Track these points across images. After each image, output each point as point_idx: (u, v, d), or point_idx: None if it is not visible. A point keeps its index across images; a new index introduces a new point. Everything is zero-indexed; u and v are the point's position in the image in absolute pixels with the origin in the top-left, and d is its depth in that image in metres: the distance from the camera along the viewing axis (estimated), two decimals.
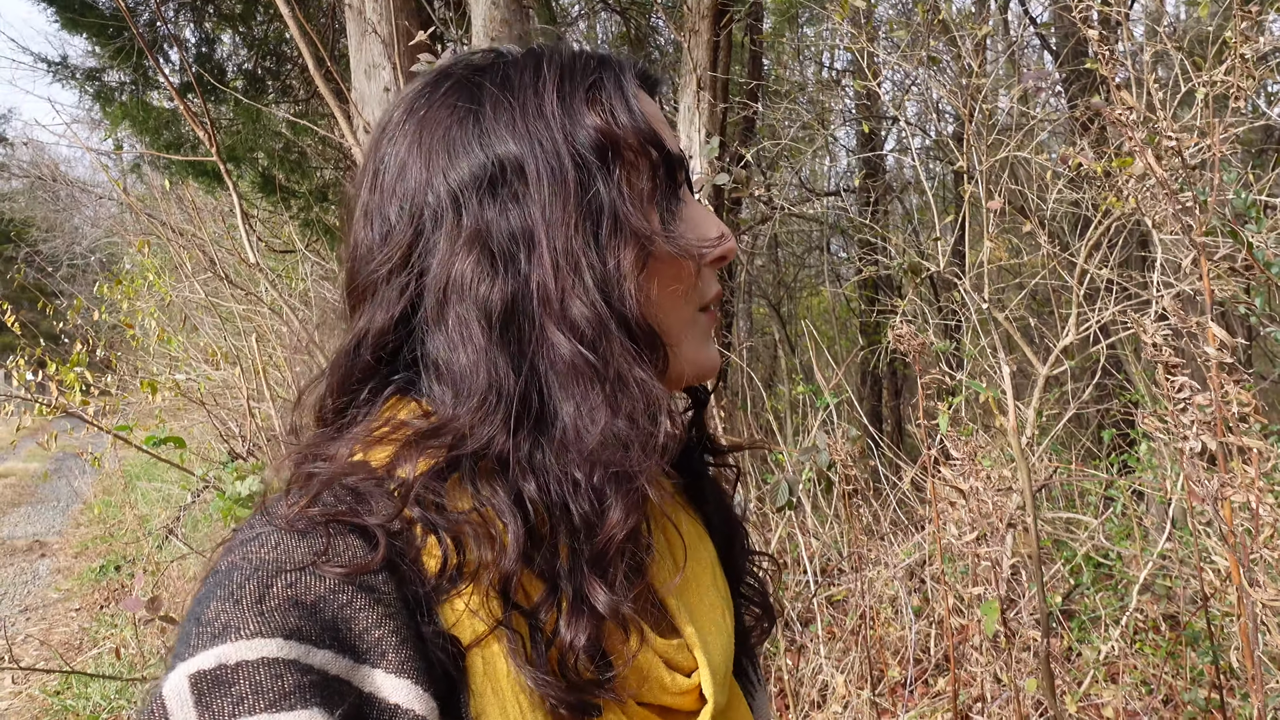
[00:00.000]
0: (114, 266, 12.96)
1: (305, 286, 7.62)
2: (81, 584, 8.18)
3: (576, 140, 0.83)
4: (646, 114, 0.87)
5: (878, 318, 7.76)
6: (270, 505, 0.81)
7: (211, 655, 0.65)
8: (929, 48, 5.11)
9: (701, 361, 0.91)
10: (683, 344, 0.88)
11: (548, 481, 0.78)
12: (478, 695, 0.75)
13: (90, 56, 8.39)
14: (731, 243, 0.89)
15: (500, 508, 0.77)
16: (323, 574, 0.72)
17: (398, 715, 0.68)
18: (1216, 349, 1.25)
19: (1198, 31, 4.89)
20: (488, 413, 0.79)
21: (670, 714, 0.89)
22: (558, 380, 0.79)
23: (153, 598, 3.21)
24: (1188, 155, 1.89)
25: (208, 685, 0.64)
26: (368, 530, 0.78)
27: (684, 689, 0.87)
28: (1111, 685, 3.90)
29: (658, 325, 0.84)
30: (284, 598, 0.69)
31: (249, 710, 0.62)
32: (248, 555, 0.73)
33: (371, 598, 0.72)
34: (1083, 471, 4.86)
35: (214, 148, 3.89)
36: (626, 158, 0.84)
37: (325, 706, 0.65)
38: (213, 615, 0.67)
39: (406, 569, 0.77)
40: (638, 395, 0.79)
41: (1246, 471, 1.26)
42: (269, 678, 0.64)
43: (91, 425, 4.55)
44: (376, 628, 0.71)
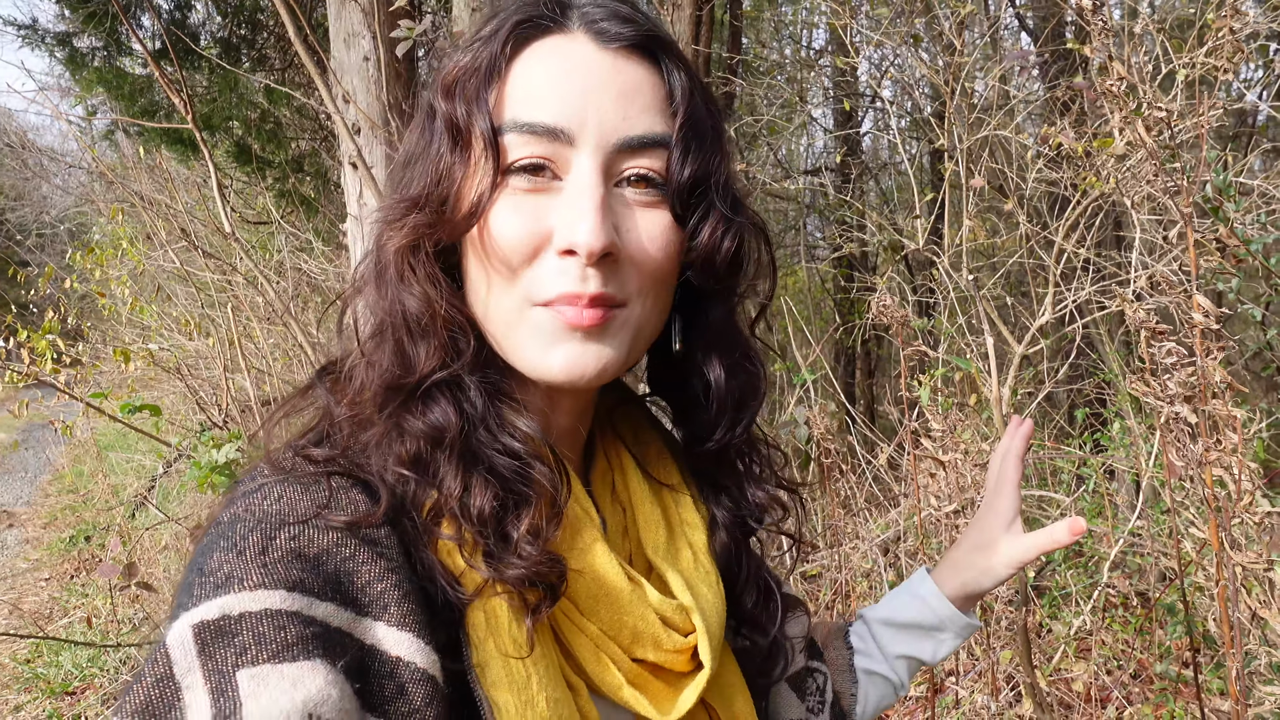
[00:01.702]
0: (84, 236, 12.80)
1: (281, 257, 7.55)
2: (51, 554, 8.12)
3: (435, 131, 0.87)
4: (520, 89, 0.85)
5: (854, 295, 7.80)
6: (273, 458, 0.82)
7: (215, 605, 0.65)
8: (911, 25, 5.12)
9: (529, 364, 0.85)
10: (512, 337, 0.86)
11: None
12: (479, 647, 0.76)
13: (61, 21, 8.24)
14: (580, 239, 0.79)
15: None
16: (326, 527, 0.73)
17: (399, 667, 0.69)
18: (1203, 316, 1.27)
19: (1177, 15, 4.93)
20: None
21: (664, 673, 0.91)
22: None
23: (129, 564, 3.20)
24: (1172, 132, 1.91)
25: (211, 635, 0.64)
26: (370, 484, 0.79)
27: (679, 647, 0.90)
28: (1082, 660, 3.95)
29: (468, 313, 0.87)
30: (287, 550, 0.70)
31: (252, 660, 0.63)
32: (251, 507, 0.74)
33: (374, 551, 0.73)
34: (1056, 450, 4.91)
35: (189, 115, 3.85)
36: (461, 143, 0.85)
37: (327, 658, 0.65)
38: (216, 566, 0.68)
39: (408, 523, 0.79)
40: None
41: (1230, 437, 1.28)
42: (272, 629, 0.64)
43: (64, 393, 4.52)
44: (379, 581, 0.72)
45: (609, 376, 0.86)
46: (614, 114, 0.82)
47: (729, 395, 0.98)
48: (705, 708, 0.97)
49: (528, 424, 0.85)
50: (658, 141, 0.84)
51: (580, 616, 0.86)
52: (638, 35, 0.85)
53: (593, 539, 0.87)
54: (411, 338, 0.84)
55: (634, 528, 0.97)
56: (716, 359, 0.97)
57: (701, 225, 0.88)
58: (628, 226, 0.84)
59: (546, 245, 0.82)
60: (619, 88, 0.83)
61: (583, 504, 0.89)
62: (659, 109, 0.85)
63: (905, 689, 1.26)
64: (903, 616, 1.25)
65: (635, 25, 0.85)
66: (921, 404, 2.57)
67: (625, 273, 0.84)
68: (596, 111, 0.82)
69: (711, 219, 0.88)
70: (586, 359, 0.83)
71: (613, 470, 1.00)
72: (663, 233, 0.86)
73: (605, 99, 0.82)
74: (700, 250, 0.88)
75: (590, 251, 0.79)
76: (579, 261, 0.81)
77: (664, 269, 0.87)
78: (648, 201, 0.85)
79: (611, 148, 0.82)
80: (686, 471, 1.04)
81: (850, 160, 8.48)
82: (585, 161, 0.82)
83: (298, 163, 8.35)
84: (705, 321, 0.96)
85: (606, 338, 0.84)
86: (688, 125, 0.85)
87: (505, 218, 0.82)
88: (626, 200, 0.84)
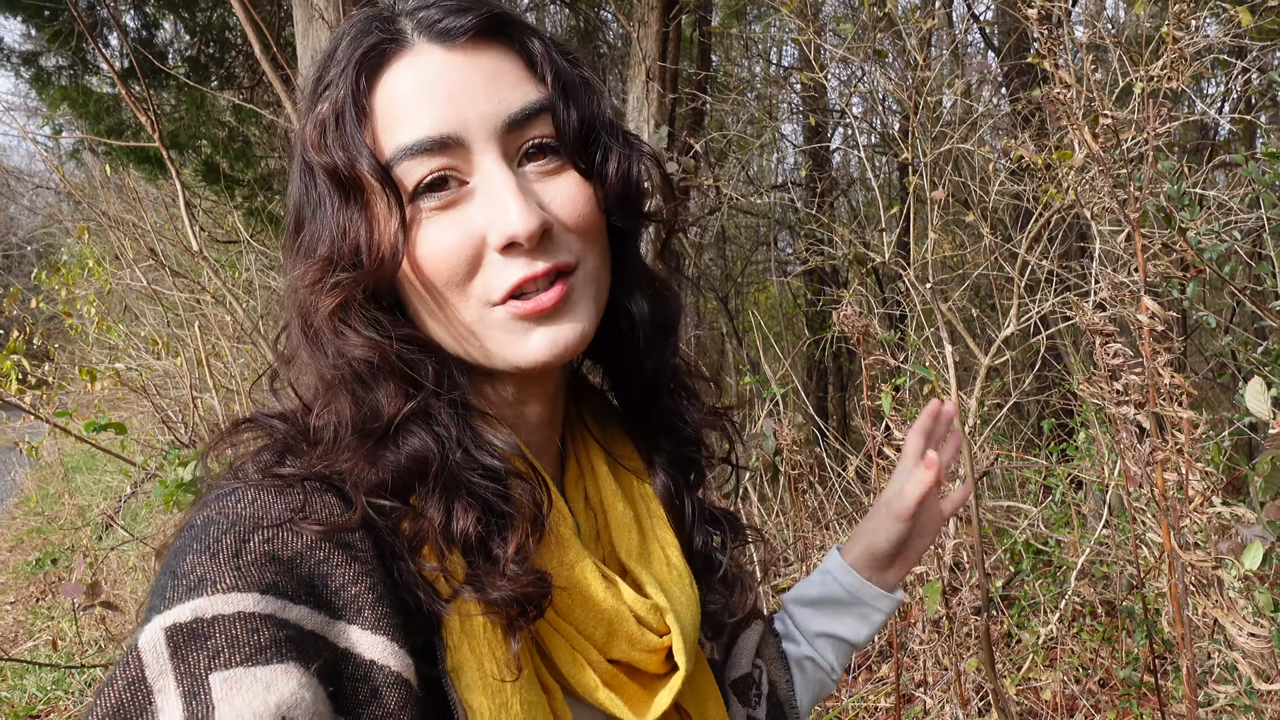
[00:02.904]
0: (52, 256, 12.69)
1: (249, 276, 7.52)
2: (17, 577, 8.01)
3: (319, 188, 0.87)
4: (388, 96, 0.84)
5: (823, 310, 7.84)
6: (244, 464, 0.82)
7: (187, 608, 0.65)
8: (875, 42, 5.17)
9: (513, 358, 0.86)
10: (486, 343, 0.86)
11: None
12: (454, 650, 0.77)
13: (27, 40, 8.21)
14: (516, 227, 0.80)
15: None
16: (300, 530, 0.73)
17: (373, 670, 0.69)
18: (1149, 318, 1.29)
19: (1135, 29, 5.00)
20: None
21: (639, 674, 0.92)
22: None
23: (93, 583, 3.17)
24: (1126, 145, 1.94)
25: (183, 638, 0.63)
26: (343, 490, 0.79)
27: (653, 646, 0.91)
28: (1050, 669, 3.98)
29: (421, 338, 0.87)
30: (261, 553, 0.70)
31: (225, 664, 0.62)
32: (224, 510, 0.73)
33: (349, 555, 0.73)
34: (1023, 460, 4.95)
35: (156, 134, 3.84)
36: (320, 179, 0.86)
37: (301, 661, 0.65)
38: (188, 568, 0.68)
39: (384, 528, 0.79)
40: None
41: (1177, 438, 1.30)
42: (245, 631, 0.64)
43: (29, 414, 4.47)
44: (353, 584, 0.72)
45: (588, 341, 0.87)
46: (489, 101, 0.83)
47: (654, 325, 0.99)
48: (679, 711, 0.98)
49: (504, 439, 0.86)
50: (539, 108, 0.85)
51: (556, 617, 0.86)
52: (478, 21, 0.85)
53: (577, 554, 0.88)
54: (365, 386, 0.84)
55: (606, 532, 0.98)
56: (639, 292, 0.98)
57: (605, 167, 0.90)
58: (549, 198, 0.85)
59: (484, 249, 0.83)
60: (482, 77, 0.84)
61: (561, 513, 0.89)
62: (527, 80, 0.86)
63: (836, 674, 1.27)
64: (812, 592, 1.27)
65: (470, 13, 0.85)
66: (884, 413, 2.59)
67: (563, 240, 0.85)
68: (472, 106, 0.82)
69: (612, 158, 0.90)
70: (564, 334, 0.84)
71: (584, 475, 1.01)
72: (578, 190, 0.87)
73: (475, 92, 0.83)
74: (613, 191, 0.90)
75: (530, 234, 0.80)
76: (521, 249, 0.81)
77: (593, 223, 0.88)
78: (552, 169, 0.86)
79: (500, 131, 0.83)
80: (638, 439, 1.06)
81: (818, 175, 8.53)
82: (484, 157, 0.82)
83: (266, 181, 8.33)
84: (621, 258, 0.97)
85: (572, 308, 0.86)
86: (557, 83, 0.87)
87: (434, 240, 0.82)
88: (534, 174, 0.85)
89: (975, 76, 5.00)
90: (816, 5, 6.77)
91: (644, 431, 1.06)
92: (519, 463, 0.85)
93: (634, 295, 0.98)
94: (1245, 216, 3.29)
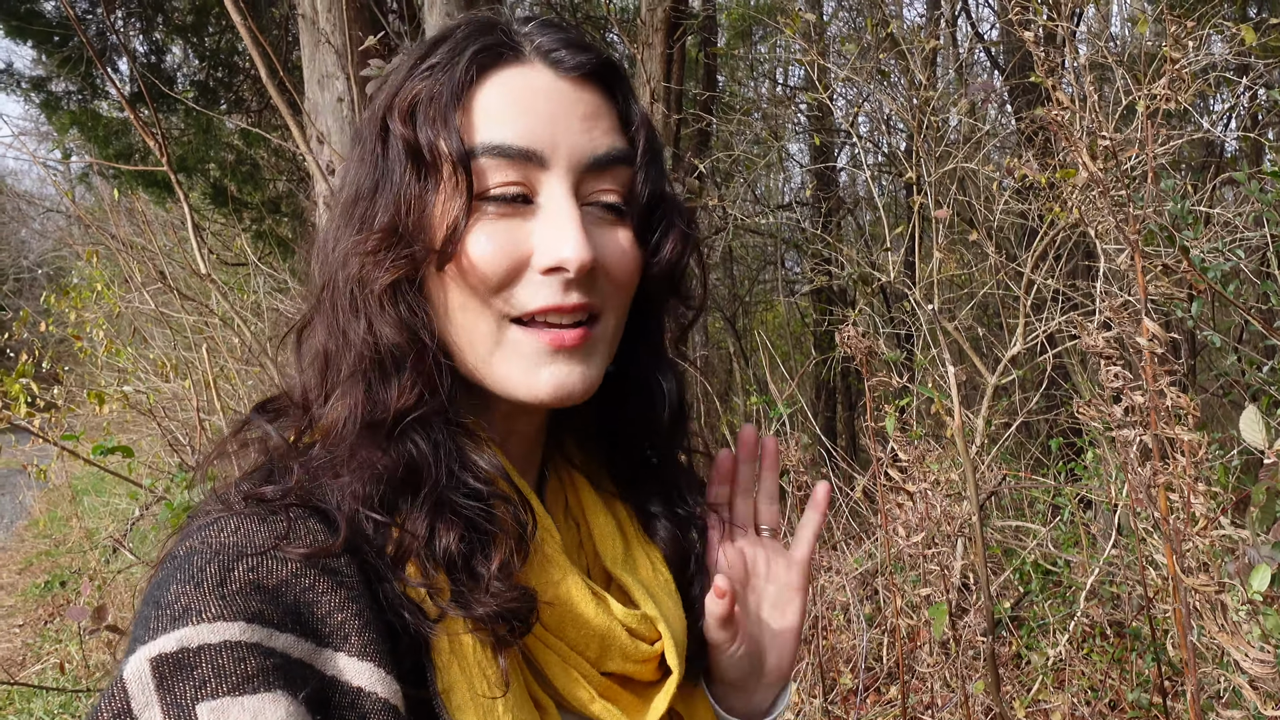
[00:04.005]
0: (62, 279, 12.74)
1: (257, 298, 7.53)
2: (25, 600, 8.02)
3: (392, 159, 0.86)
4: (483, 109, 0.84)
5: (831, 329, 7.83)
6: (224, 492, 0.81)
7: (173, 638, 0.64)
8: (879, 62, 5.18)
9: (515, 386, 0.85)
10: (492, 360, 0.86)
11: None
12: (444, 670, 0.76)
13: (37, 65, 8.27)
14: (569, 254, 0.81)
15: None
16: (285, 558, 0.72)
17: (360, 698, 0.69)
18: (1149, 340, 1.28)
19: (1139, 48, 5.00)
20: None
21: (633, 684, 0.92)
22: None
23: (98, 607, 3.16)
24: (1128, 165, 1.94)
25: (169, 668, 0.63)
26: (328, 514, 0.78)
27: (646, 656, 0.90)
28: (1059, 690, 3.94)
29: (440, 334, 0.86)
30: (245, 581, 0.69)
31: (211, 693, 0.62)
32: (207, 540, 0.73)
33: (334, 581, 0.73)
34: (1031, 480, 4.93)
35: (165, 158, 3.85)
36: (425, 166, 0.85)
37: (288, 689, 0.65)
38: (173, 598, 0.67)
39: (369, 551, 0.78)
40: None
41: (1180, 461, 1.29)
42: (231, 661, 0.64)
43: (38, 437, 4.48)
44: (339, 611, 0.71)
45: (592, 392, 0.87)
46: (581, 136, 0.84)
47: (679, 401, 1.00)
48: (673, 717, 0.97)
49: (489, 461, 0.85)
50: (622, 157, 0.87)
51: (546, 634, 0.86)
52: (593, 63, 0.87)
53: (563, 571, 0.87)
54: (383, 375, 0.83)
55: (589, 541, 0.98)
56: (669, 368, 1.00)
57: (664, 241, 0.92)
58: (602, 243, 0.86)
59: (525, 267, 0.83)
60: (581, 112, 0.85)
61: (548, 530, 0.89)
62: (618, 131, 0.88)
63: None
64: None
65: (589, 54, 0.87)
66: (889, 434, 2.58)
67: (601, 286, 0.86)
68: (565, 134, 0.84)
69: (673, 235, 0.92)
70: (573, 378, 0.84)
71: (564, 486, 1.01)
72: (630, 248, 0.88)
73: (572, 122, 0.84)
74: (663, 263, 0.92)
75: (581, 265, 0.81)
76: (564, 276, 0.82)
77: (631, 283, 0.89)
78: (611, 220, 0.87)
79: (581, 167, 0.84)
80: (629, 492, 1.04)
81: (822, 195, 8.54)
82: (558, 183, 0.83)
83: (275, 204, 8.37)
84: (653, 333, 0.98)
85: (587, 356, 0.86)
86: (648, 145, 0.90)
87: (482, 242, 0.82)
88: (595, 218, 0.86)
89: (980, 95, 5.01)
90: (821, 26, 6.80)
91: (639, 492, 1.04)
92: (503, 485, 0.85)
93: (665, 369, 1.00)
94: (1250, 235, 3.29)
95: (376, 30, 5.36)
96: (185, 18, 8.13)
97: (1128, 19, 7.16)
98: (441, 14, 4.64)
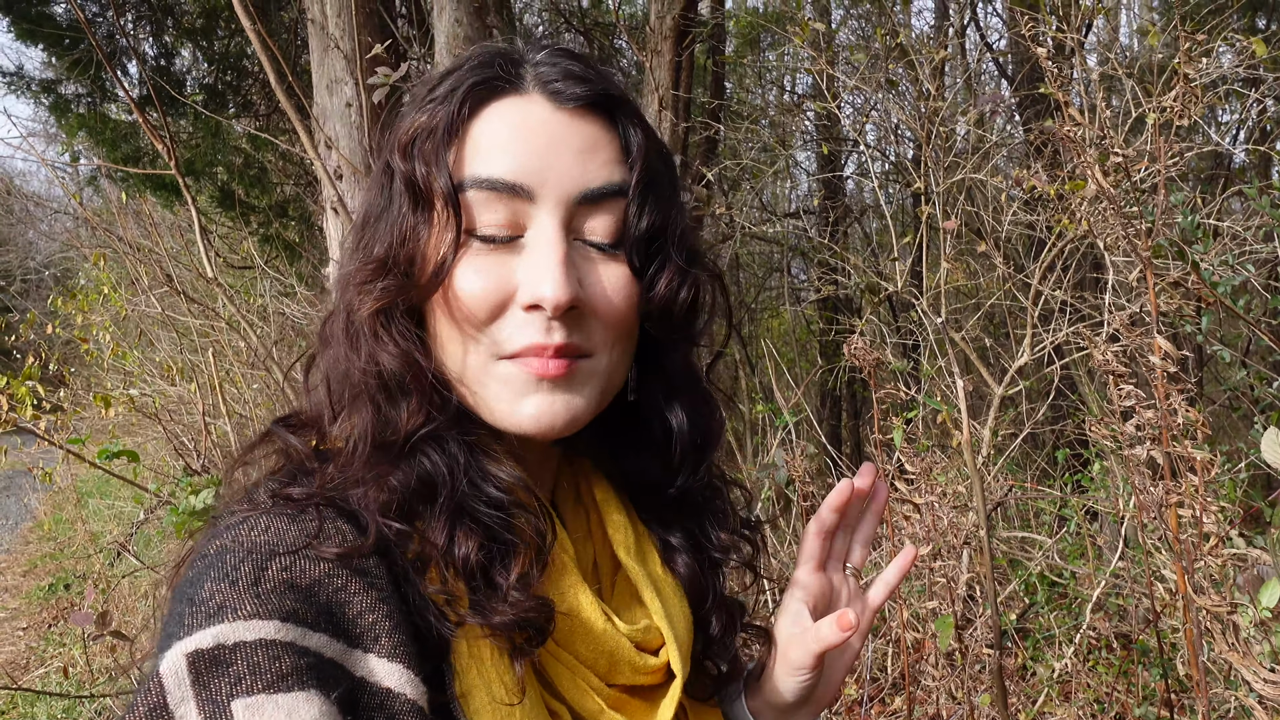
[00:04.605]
0: (69, 281, 12.78)
1: (264, 302, 7.54)
2: (30, 602, 8.03)
3: (394, 191, 0.88)
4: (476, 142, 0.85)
5: (837, 338, 7.83)
6: (255, 490, 0.83)
7: (209, 635, 0.65)
8: (888, 71, 5.18)
9: (501, 417, 0.85)
10: (481, 392, 0.86)
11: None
12: (462, 676, 0.77)
13: (47, 68, 8.29)
14: (546, 293, 0.80)
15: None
16: (317, 557, 0.73)
17: (389, 699, 0.69)
18: (1161, 359, 1.27)
19: (1148, 60, 4.99)
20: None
21: (640, 690, 0.93)
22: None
23: (103, 612, 3.16)
24: (1138, 178, 1.93)
25: (205, 665, 0.64)
26: (356, 515, 0.79)
27: (652, 668, 0.91)
28: (1065, 703, 3.93)
29: (436, 363, 0.87)
30: (280, 580, 0.70)
31: (246, 691, 0.63)
32: (238, 538, 0.73)
33: (365, 581, 0.74)
34: (1037, 491, 4.91)
35: (173, 161, 3.85)
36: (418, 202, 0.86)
37: (321, 689, 0.65)
38: (207, 595, 0.68)
39: (397, 553, 0.79)
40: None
41: (1191, 480, 1.29)
42: (267, 659, 0.64)
43: (44, 440, 4.48)
44: (370, 612, 0.72)
45: (579, 425, 0.87)
46: (573, 170, 0.84)
47: (691, 440, 0.98)
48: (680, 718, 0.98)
49: (509, 472, 0.85)
50: (616, 191, 0.86)
51: (557, 647, 0.86)
52: (592, 94, 0.86)
53: (573, 580, 0.88)
54: (390, 397, 0.84)
55: (598, 528, 0.98)
56: (679, 405, 0.98)
57: (658, 276, 0.89)
58: (591, 280, 0.85)
59: (510, 302, 0.83)
60: (577, 145, 0.85)
61: (565, 546, 0.90)
62: (616, 163, 0.87)
63: None
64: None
65: (589, 84, 0.86)
66: (896, 445, 2.57)
67: (589, 325, 0.85)
68: (556, 168, 0.83)
69: (668, 270, 0.90)
70: (556, 408, 0.84)
71: (576, 476, 1.01)
72: (623, 285, 0.87)
73: (564, 156, 0.84)
74: (657, 300, 0.89)
75: (557, 305, 0.80)
76: (544, 315, 0.82)
77: (626, 320, 0.88)
78: (607, 256, 0.86)
79: (572, 201, 0.84)
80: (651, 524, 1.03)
81: (830, 204, 8.55)
82: (546, 218, 0.83)
83: (282, 208, 8.38)
84: (666, 368, 0.97)
85: (574, 387, 0.85)
86: (644, 178, 0.87)
87: (469, 277, 0.83)
88: (587, 254, 0.86)
89: (988, 105, 5.01)
90: (830, 35, 6.80)
91: (662, 526, 1.03)
92: (523, 494, 0.85)
93: (674, 406, 0.98)
94: (1259, 248, 3.28)
95: (385, 36, 5.37)
96: (195, 21, 8.14)
97: (1137, 31, 7.16)
98: (451, 20, 4.65)
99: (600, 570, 0.97)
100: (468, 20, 4.64)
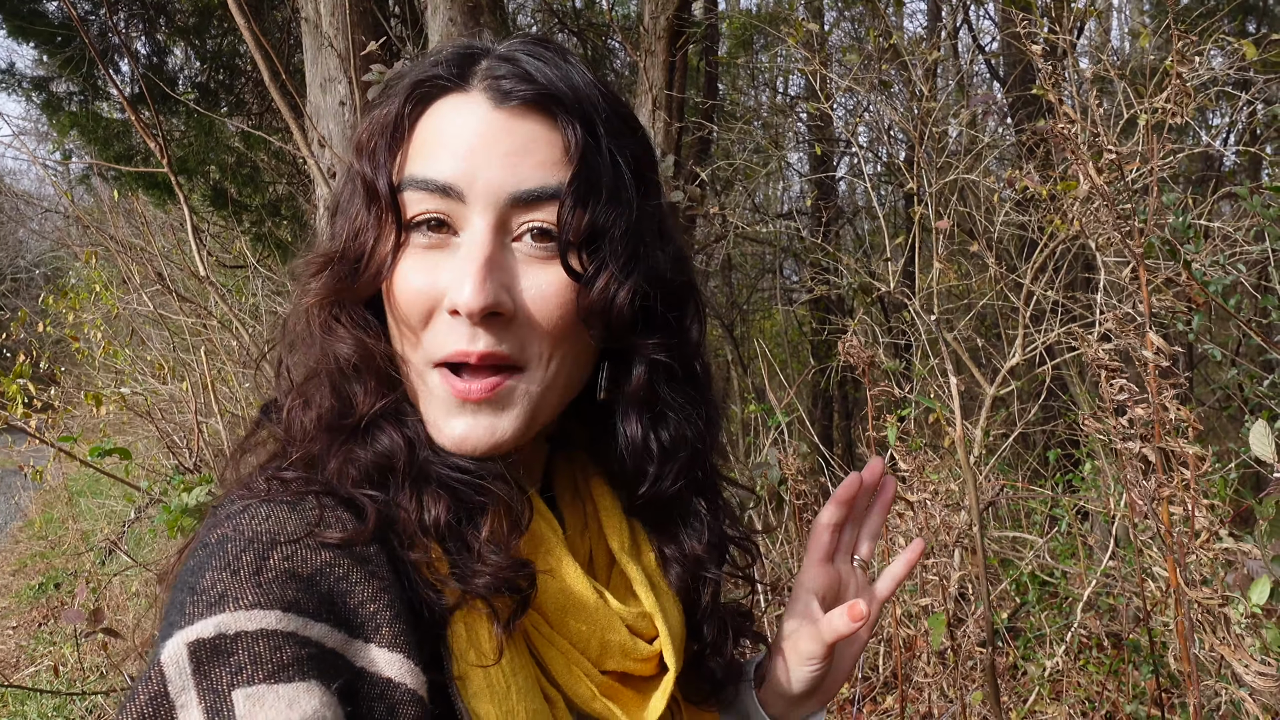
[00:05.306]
0: (60, 280, 12.74)
1: (256, 301, 7.53)
2: (19, 601, 8.00)
3: (354, 187, 0.89)
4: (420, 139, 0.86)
5: (829, 338, 7.84)
6: (252, 479, 0.83)
7: (210, 624, 0.65)
8: (881, 72, 5.19)
9: (433, 431, 0.85)
10: (421, 396, 0.86)
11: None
12: (460, 659, 0.77)
13: (39, 65, 8.27)
14: (462, 299, 0.79)
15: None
16: (319, 546, 0.73)
17: (390, 689, 0.69)
18: (1153, 354, 1.28)
19: (1139, 62, 5.02)
20: None
21: (633, 680, 0.93)
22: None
23: (95, 610, 3.16)
24: (1130, 178, 1.95)
25: (207, 654, 0.64)
26: (354, 502, 0.79)
27: (645, 654, 0.91)
28: (1056, 702, 3.94)
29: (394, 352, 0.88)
30: (281, 570, 0.70)
31: (247, 680, 0.63)
32: (239, 527, 0.74)
33: (366, 570, 0.74)
34: (1029, 491, 4.93)
35: (165, 159, 3.85)
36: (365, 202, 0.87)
37: (322, 679, 0.65)
38: (209, 584, 0.68)
39: (394, 540, 0.80)
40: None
41: (1183, 474, 1.30)
42: (268, 649, 0.64)
43: (34, 438, 4.47)
44: (371, 601, 0.72)
45: (504, 448, 0.84)
46: (503, 171, 0.81)
47: (645, 452, 0.94)
48: (672, 712, 0.98)
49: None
50: (550, 195, 0.82)
51: (550, 630, 0.87)
52: (533, 93, 0.83)
53: (559, 553, 0.88)
54: (346, 380, 0.85)
55: (594, 522, 0.98)
56: (634, 415, 0.94)
57: (595, 279, 0.85)
58: (524, 285, 0.83)
59: (439, 305, 0.82)
60: (509, 145, 0.82)
61: (546, 518, 0.90)
62: (554, 164, 0.83)
63: None
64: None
65: (533, 84, 0.83)
66: (889, 444, 2.58)
67: (521, 331, 0.83)
68: (485, 169, 0.81)
69: (604, 274, 0.85)
70: (477, 432, 0.83)
71: (573, 467, 1.01)
72: (557, 290, 0.83)
73: (494, 156, 0.82)
74: (588, 305, 0.85)
75: (470, 310, 0.79)
76: (465, 320, 0.80)
77: (561, 327, 0.84)
78: (546, 256, 0.83)
79: (504, 203, 0.81)
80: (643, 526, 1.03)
81: (822, 205, 8.56)
82: (478, 219, 0.81)
83: (275, 206, 8.37)
84: (624, 377, 0.93)
85: (500, 409, 0.83)
86: (581, 178, 0.83)
87: (406, 276, 0.83)
88: (525, 254, 0.83)
89: (980, 107, 5.02)
90: (823, 36, 6.82)
91: (652, 527, 1.01)
92: (492, 464, 0.85)
93: (630, 416, 0.94)
94: (1250, 249, 3.30)
95: (379, 35, 5.36)
96: (188, 19, 8.13)
97: (1129, 33, 7.19)
98: (444, 20, 4.65)
99: (596, 564, 0.97)
100: (461, 20, 4.64)
